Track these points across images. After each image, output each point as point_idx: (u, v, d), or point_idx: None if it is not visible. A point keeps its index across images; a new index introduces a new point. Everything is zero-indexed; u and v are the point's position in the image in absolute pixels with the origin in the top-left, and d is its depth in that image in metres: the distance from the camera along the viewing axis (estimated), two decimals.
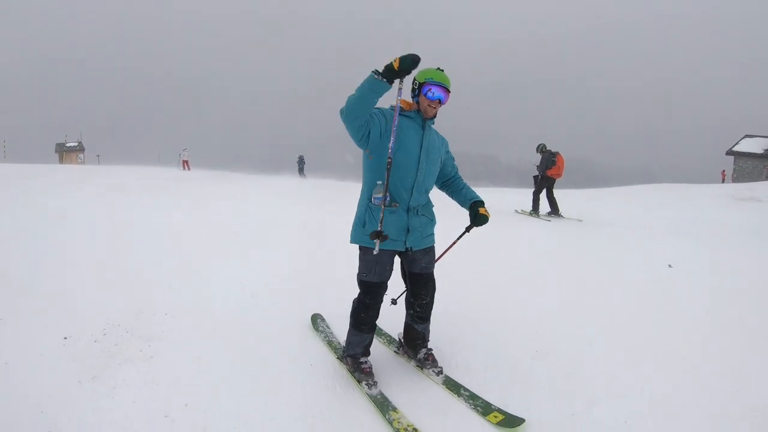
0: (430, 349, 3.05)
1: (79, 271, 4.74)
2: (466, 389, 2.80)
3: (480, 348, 3.37)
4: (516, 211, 10.44)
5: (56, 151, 42.12)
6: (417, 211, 2.80)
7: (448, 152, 2.97)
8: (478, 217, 2.91)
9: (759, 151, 32.91)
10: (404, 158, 2.67)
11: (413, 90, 2.72)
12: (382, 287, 2.81)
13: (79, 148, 42.84)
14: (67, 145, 42.65)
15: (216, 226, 7.02)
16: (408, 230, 2.76)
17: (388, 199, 2.68)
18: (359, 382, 2.83)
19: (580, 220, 9.49)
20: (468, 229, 3.05)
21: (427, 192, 2.86)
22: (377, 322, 3.06)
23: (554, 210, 9.79)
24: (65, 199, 8.65)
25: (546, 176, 9.66)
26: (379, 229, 2.64)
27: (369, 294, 2.81)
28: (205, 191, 11.02)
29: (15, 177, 11.96)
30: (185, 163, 26.27)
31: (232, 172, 20.54)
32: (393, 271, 2.89)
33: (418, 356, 3.02)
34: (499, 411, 2.60)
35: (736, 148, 34.26)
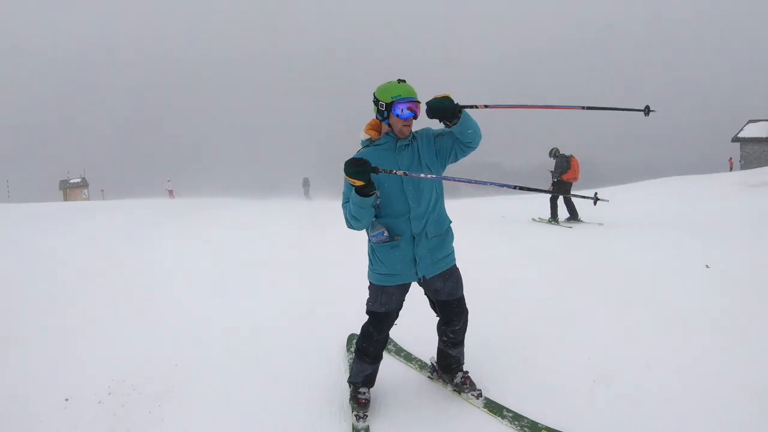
0: (467, 372, 2.89)
1: (81, 318, 4.44)
2: (509, 410, 2.68)
3: (521, 371, 3.13)
4: (533, 219, 10.06)
5: (60, 188, 42.34)
6: (426, 234, 2.58)
7: (438, 136, 2.61)
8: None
9: (764, 135, 32.57)
10: (388, 192, 2.50)
11: (380, 112, 2.50)
12: (389, 318, 2.70)
13: (83, 184, 43.03)
14: (71, 181, 42.85)
15: (225, 260, 6.68)
16: (415, 260, 2.57)
17: (386, 234, 2.50)
18: (351, 410, 2.72)
19: (601, 224, 9.11)
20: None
21: (429, 214, 2.58)
22: (409, 349, 3.04)
23: (573, 216, 9.44)
24: (67, 238, 8.35)
25: (562, 181, 9.38)
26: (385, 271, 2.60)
27: (374, 324, 2.70)
28: (212, 221, 10.70)
29: (16, 216, 11.68)
30: (170, 193, 27.93)
31: (240, 199, 20.27)
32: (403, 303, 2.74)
33: (455, 381, 2.87)
34: (547, 429, 2.49)
35: (741, 134, 33.95)
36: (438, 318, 2.86)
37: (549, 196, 9.71)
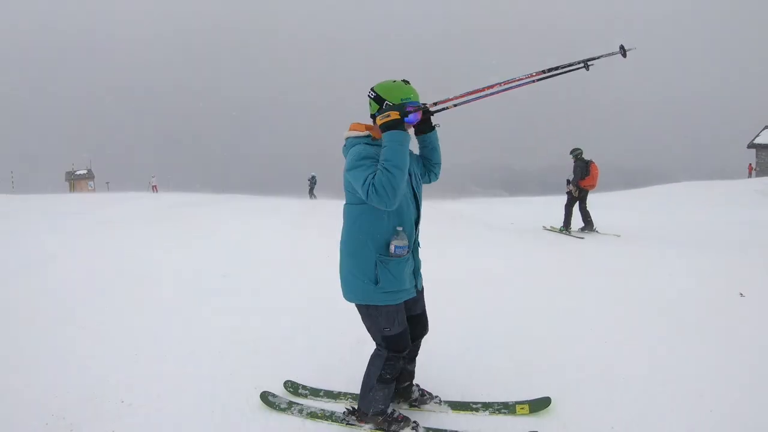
0: (418, 384, 2.78)
1: (29, 334, 3.85)
2: (475, 402, 2.73)
3: (539, 415, 2.60)
4: (544, 227, 9.48)
5: (66, 180, 42.49)
6: (418, 243, 2.51)
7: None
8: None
9: None
10: (404, 196, 2.33)
11: (381, 111, 2.29)
12: (407, 332, 2.48)
13: (89, 176, 43.10)
14: (77, 173, 42.94)
15: (205, 267, 6.08)
16: (414, 271, 2.48)
17: (408, 247, 2.33)
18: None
19: (618, 236, 8.52)
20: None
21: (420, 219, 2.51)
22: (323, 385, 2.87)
23: (588, 225, 8.90)
24: (47, 237, 7.88)
25: (579, 187, 8.80)
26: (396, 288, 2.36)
27: (400, 345, 2.42)
28: (202, 219, 10.19)
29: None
30: (154, 188, 29.83)
31: (240, 195, 19.85)
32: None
33: (413, 396, 2.75)
34: (520, 403, 2.63)
35: (758, 140, 33.10)
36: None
37: (563, 203, 9.15)
